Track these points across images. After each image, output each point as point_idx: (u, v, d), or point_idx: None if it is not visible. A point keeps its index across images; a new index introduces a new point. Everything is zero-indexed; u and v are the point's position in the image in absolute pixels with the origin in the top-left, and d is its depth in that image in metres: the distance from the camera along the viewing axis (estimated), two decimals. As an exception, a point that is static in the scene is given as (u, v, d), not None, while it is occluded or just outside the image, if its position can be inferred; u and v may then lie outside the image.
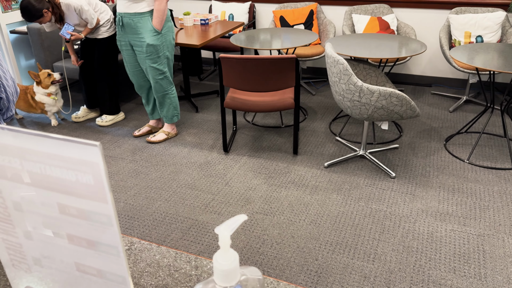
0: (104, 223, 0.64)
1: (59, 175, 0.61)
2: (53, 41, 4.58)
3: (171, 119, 3.85)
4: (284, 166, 3.42)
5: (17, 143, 0.61)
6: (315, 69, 5.44)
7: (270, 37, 4.13)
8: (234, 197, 3.06)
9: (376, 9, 4.76)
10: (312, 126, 4.09)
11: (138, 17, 3.37)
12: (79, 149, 0.57)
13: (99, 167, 0.58)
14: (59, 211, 0.66)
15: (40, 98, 4.12)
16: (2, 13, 4.59)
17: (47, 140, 0.58)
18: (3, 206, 0.71)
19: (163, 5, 3.32)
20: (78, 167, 0.59)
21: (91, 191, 0.61)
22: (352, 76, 2.88)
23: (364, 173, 3.29)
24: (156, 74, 3.56)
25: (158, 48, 3.45)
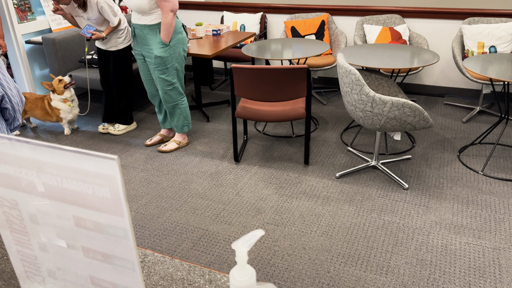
0: (119, 236, 0.64)
1: (75, 188, 0.61)
2: (67, 51, 4.63)
3: (181, 129, 3.86)
4: (295, 176, 3.41)
5: (34, 156, 0.61)
6: (326, 78, 5.43)
7: (281, 47, 4.14)
8: (245, 207, 3.05)
9: (388, 19, 4.75)
10: (323, 136, 4.08)
11: (147, 29, 3.44)
12: (97, 162, 0.57)
13: (116, 181, 0.57)
14: (75, 223, 0.66)
15: (56, 104, 4.18)
16: (18, 24, 4.66)
17: (65, 153, 0.58)
18: (19, 218, 0.71)
19: (169, 18, 3.35)
20: (95, 180, 0.59)
21: (107, 204, 0.60)
22: (364, 86, 2.87)
23: (376, 184, 3.26)
24: (165, 85, 3.59)
25: (166, 59, 3.48)
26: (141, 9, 3.35)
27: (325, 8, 5.05)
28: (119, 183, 0.57)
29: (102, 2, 3.72)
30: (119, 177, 0.57)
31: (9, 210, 0.71)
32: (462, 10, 4.53)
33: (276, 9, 5.28)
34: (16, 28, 4.64)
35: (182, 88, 3.72)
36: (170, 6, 3.32)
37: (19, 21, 4.68)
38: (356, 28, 4.74)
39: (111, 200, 0.60)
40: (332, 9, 5.02)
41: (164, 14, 3.33)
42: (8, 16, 4.58)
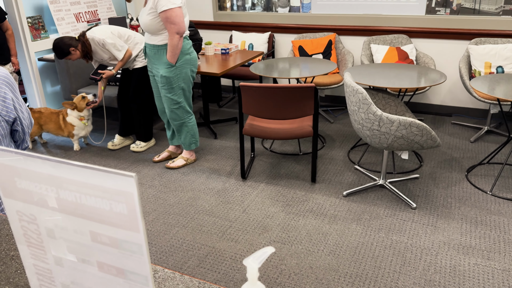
0: (134, 252, 0.66)
1: (93, 204, 0.63)
2: (79, 68, 4.70)
3: (188, 146, 3.89)
4: (302, 194, 3.42)
5: (54, 172, 0.63)
6: (333, 97, 5.47)
7: (288, 66, 4.18)
8: (251, 224, 3.06)
9: (395, 39, 4.79)
10: (330, 154, 4.09)
11: (155, 49, 3.51)
12: (115, 180, 0.59)
13: (133, 197, 0.60)
14: (91, 239, 0.68)
15: (71, 120, 4.23)
16: (32, 41, 4.75)
17: (84, 170, 0.60)
18: (36, 232, 0.73)
19: (175, 40, 3.38)
20: (113, 197, 0.61)
21: (124, 220, 0.62)
22: (371, 105, 2.89)
23: (384, 203, 3.26)
24: (171, 104, 3.64)
25: (172, 80, 3.53)
26: (150, 29, 3.42)
27: (332, 28, 5.10)
28: (136, 199, 0.60)
29: (101, 41, 3.81)
30: (136, 194, 0.59)
31: (28, 224, 0.74)
32: (469, 31, 4.56)
33: (284, 28, 5.34)
34: (29, 45, 4.73)
35: (189, 106, 3.76)
36: (176, 29, 3.35)
37: (33, 39, 4.78)
38: (363, 48, 4.78)
39: (128, 216, 0.62)
40: (339, 29, 5.07)
41: (170, 36, 3.37)
42: (22, 34, 4.67)
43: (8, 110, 1.62)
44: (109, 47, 3.83)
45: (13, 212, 0.76)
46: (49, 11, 4.96)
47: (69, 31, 5.08)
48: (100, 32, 3.83)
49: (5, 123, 1.62)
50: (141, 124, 4.24)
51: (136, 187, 0.59)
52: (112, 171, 0.59)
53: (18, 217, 0.75)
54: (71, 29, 5.09)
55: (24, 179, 0.69)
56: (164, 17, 3.31)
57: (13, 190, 0.72)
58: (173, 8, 3.30)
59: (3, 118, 1.60)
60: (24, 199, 0.72)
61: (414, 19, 4.76)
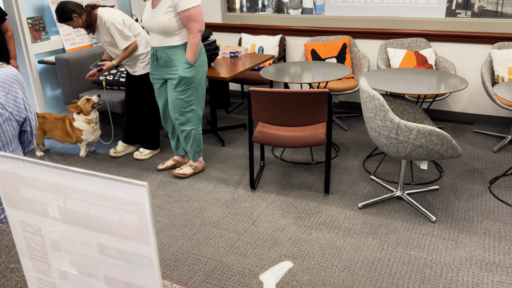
0: (144, 265, 0.65)
1: (102, 215, 0.63)
2: (81, 71, 4.73)
3: (193, 156, 3.90)
4: (314, 206, 3.40)
5: (61, 181, 0.63)
6: (347, 103, 5.46)
7: (300, 71, 4.18)
8: (261, 237, 3.05)
9: (413, 43, 4.79)
10: (344, 163, 4.08)
11: (172, 50, 3.50)
12: (126, 189, 0.59)
13: (144, 208, 0.59)
14: (98, 251, 0.68)
15: (79, 125, 4.24)
16: (32, 43, 4.79)
17: (93, 179, 0.60)
18: (40, 244, 0.74)
19: (197, 38, 3.44)
20: (123, 207, 0.61)
21: (134, 231, 0.62)
22: (388, 112, 2.88)
23: (402, 216, 3.24)
24: (183, 106, 3.64)
25: (190, 80, 3.54)
26: (167, 30, 3.41)
27: (347, 31, 5.11)
28: (147, 210, 0.59)
29: (109, 23, 3.77)
30: (147, 204, 0.59)
31: (31, 235, 0.74)
32: (491, 34, 4.55)
33: (296, 31, 5.36)
34: (29, 47, 4.77)
35: (201, 111, 3.76)
36: (199, 27, 3.40)
37: (33, 40, 4.81)
38: (379, 52, 4.78)
39: (138, 227, 0.61)
40: (354, 32, 5.07)
41: (193, 34, 3.41)
42: (22, 35, 4.71)
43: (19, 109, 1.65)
44: (114, 32, 3.79)
45: (16, 222, 0.76)
46: (50, 11, 5.01)
47: (71, 32, 5.12)
48: (112, 14, 3.78)
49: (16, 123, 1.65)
50: (148, 132, 4.25)
51: (148, 197, 0.58)
52: (123, 179, 0.59)
53: (22, 227, 0.75)
54: (72, 30, 5.14)
55: (29, 188, 0.69)
56: (187, 15, 3.34)
57: (17, 199, 0.72)
58: (196, 6, 3.36)
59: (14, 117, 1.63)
60: (28, 209, 0.72)
61: (433, 22, 4.75)
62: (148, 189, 0.58)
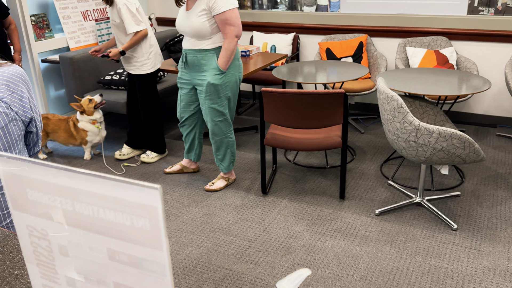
0: (156, 272, 0.65)
1: (112, 219, 0.63)
2: (85, 71, 4.76)
3: (227, 167, 3.80)
4: (329, 212, 3.40)
5: (71, 184, 0.63)
6: (364, 105, 5.44)
7: (315, 70, 4.18)
8: (273, 245, 3.04)
9: (433, 41, 4.76)
10: (361, 167, 4.06)
11: (202, 54, 3.43)
12: (138, 192, 0.59)
13: (157, 212, 0.59)
14: (108, 257, 0.68)
15: (83, 126, 4.26)
16: (35, 41, 4.82)
17: (104, 181, 0.60)
18: (47, 249, 0.74)
19: (233, 44, 3.35)
20: (134, 211, 0.61)
21: (145, 236, 0.62)
22: (407, 114, 2.87)
23: (421, 223, 3.22)
24: (215, 116, 3.56)
25: (220, 88, 3.46)
26: (201, 33, 3.35)
27: (363, 29, 5.10)
28: (160, 214, 0.59)
29: (121, 4, 3.71)
30: (160, 208, 0.59)
31: (38, 240, 0.74)
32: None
33: (310, 29, 5.35)
34: (32, 46, 4.80)
35: (231, 119, 3.69)
36: (236, 31, 3.33)
37: (36, 38, 4.85)
38: (397, 51, 4.76)
39: (150, 232, 0.62)
40: (371, 30, 5.06)
41: (228, 39, 3.33)
42: (25, 33, 4.75)
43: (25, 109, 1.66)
44: (125, 14, 3.72)
45: (22, 226, 0.76)
46: (54, 8, 5.05)
47: (76, 30, 5.16)
48: None
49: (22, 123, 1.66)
50: (153, 135, 4.25)
51: (161, 200, 0.59)
52: (135, 182, 0.59)
53: (28, 232, 0.76)
54: (77, 28, 5.18)
55: (36, 190, 0.70)
56: (223, 18, 3.28)
57: (24, 203, 0.73)
58: (233, 9, 3.29)
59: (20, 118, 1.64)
60: (35, 212, 0.72)
61: (454, 19, 4.73)
62: (161, 192, 0.58)
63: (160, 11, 6.21)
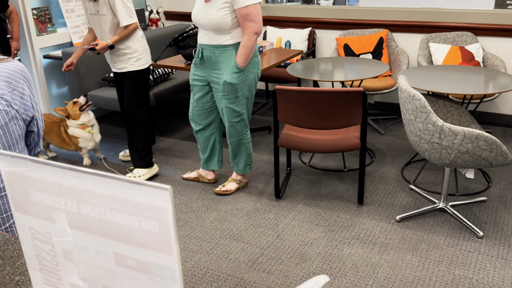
0: (165, 278, 0.66)
1: (120, 221, 0.64)
2: (89, 67, 4.79)
3: (243, 169, 3.79)
4: (347, 218, 3.39)
5: (76, 184, 0.64)
6: (384, 104, 5.42)
7: (332, 67, 4.17)
8: (287, 252, 3.04)
9: (458, 37, 4.74)
10: (380, 171, 4.05)
11: (220, 50, 3.41)
12: (147, 193, 0.59)
13: (167, 214, 0.60)
14: (115, 261, 0.68)
15: (73, 132, 4.10)
16: (37, 36, 4.84)
17: (112, 182, 0.60)
18: (51, 253, 0.74)
19: (252, 41, 3.34)
20: (143, 213, 0.61)
21: (155, 240, 0.63)
22: (430, 114, 2.86)
23: (445, 230, 3.21)
24: (232, 116, 3.55)
25: (237, 87, 3.44)
26: (220, 28, 3.33)
27: (384, 24, 5.08)
28: (170, 216, 0.60)
29: None
30: (170, 210, 0.59)
31: (41, 244, 0.74)
32: (548, 27, 4.48)
33: (327, 24, 5.35)
34: (34, 41, 4.82)
35: (248, 119, 3.68)
36: (256, 28, 3.31)
37: (38, 33, 4.87)
38: (420, 47, 4.74)
39: (160, 235, 0.62)
40: (392, 24, 5.04)
41: (247, 36, 3.32)
42: (26, 27, 4.77)
43: (26, 107, 1.67)
44: (118, 6, 3.60)
45: (25, 229, 0.77)
46: (57, 2, 5.08)
47: (79, 24, 5.19)
48: None
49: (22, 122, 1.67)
50: (138, 145, 3.98)
51: (171, 202, 0.59)
52: (144, 183, 0.59)
53: (31, 235, 0.76)
54: (81, 22, 5.21)
55: (40, 191, 0.70)
56: (244, 13, 3.26)
57: (27, 204, 0.73)
58: (256, 4, 3.28)
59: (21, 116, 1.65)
60: (38, 215, 0.73)
61: (481, 14, 4.70)
62: (172, 193, 0.58)
63: (168, 4, 6.24)
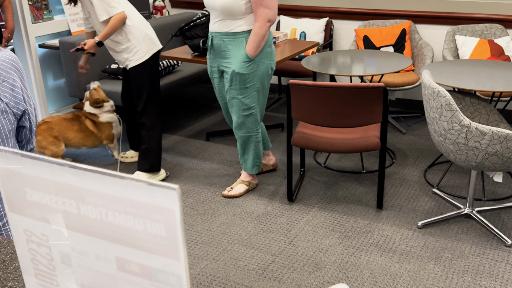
0: (172, 284, 0.65)
1: (123, 223, 0.63)
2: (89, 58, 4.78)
3: (251, 169, 3.80)
4: (365, 224, 3.38)
5: (76, 183, 0.63)
6: (406, 101, 5.40)
7: (350, 61, 4.16)
8: (300, 260, 3.04)
9: (487, 30, 4.71)
10: (402, 173, 4.03)
11: (230, 38, 3.42)
12: (153, 193, 0.58)
13: (174, 216, 0.59)
14: (117, 267, 0.68)
15: (107, 118, 4.21)
16: (32, 24, 4.83)
17: (114, 180, 0.60)
18: (48, 257, 0.74)
19: (265, 29, 3.33)
20: (148, 214, 0.60)
21: (160, 244, 0.62)
22: (456, 112, 2.84)
23: (470, 238, 3.19)
24: (241, 109, 3.55)
25: (247, 78, 3.45)
26: (231, 12, 3.32)
27: (406, 15, 5.06)
28: (178, 218, 0.59)
29: None
30: (178, 211, 0.58)
31: (37, 247, 0.74)
32: None
33: (345, 14, 5.33)
34: (29, 29, 4.79)
35: (261, 116, 3.67)
36: (270, 15, 3.31)
37: (33, 20, 4.84)
38: (445, 40, 4.72)
39: (166, 239, 0.61)
40: (416, 15, 5.02)
41: (260, 23, 3.32)
42: (20, 14, 4.73)
43: (17, 100, 1.66)
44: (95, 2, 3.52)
45: (19, 231, 0.76)
46: (54, -14, 5.07)
47: (78, 11, 5.17)
48: None
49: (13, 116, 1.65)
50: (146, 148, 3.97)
51: (179, 202, 0.58)
52: (149, 181, 0.58)
53: (26, 237, 0.76)
54: (80, 10, 5.20)
55: (36, 190, 0.70)
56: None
57: (22, 204, 0.73)
58: None
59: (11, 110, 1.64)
60: (34, 215, 0.72)
61: (511, 5, 4.67)
62: (180, 194, 0.57)
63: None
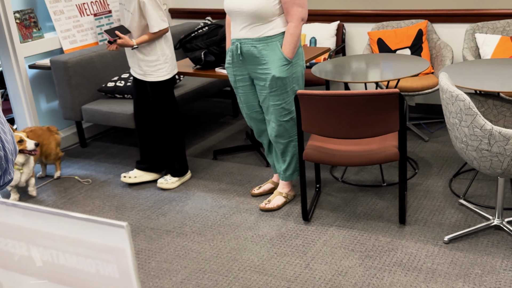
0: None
1: (75, 265, 0.63)
2: (84, 77, 4.82)
3: (291, 175, 3.85)
4: (387, 241, 3.36)
5: (26, 223, 0.63)
6: (427, 106, 5.38)
7: (365, 66, 4.15)
8: (318, 285, 3.02)
9: (509, 26, 4.69)
10: (425, 184, 4.01)
11: (263, 43, 3.46)
12: (101, 231, 0.58)
13: (125, 255, 0.58)
14: (75, 311, 0.67)
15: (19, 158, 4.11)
16: (21, 43, 4.83)
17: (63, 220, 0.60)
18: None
19: (299, 29, 3.42)
20: (99, 255, 0.60)
21: (115, 286, 0.62)
22: (477, 116, 2.83)
23: (501, 251, 3.16)
24: (282, 115, 3.61)
25: (287, 81, 3.51)
26: (262, 15, 3.36)
27: (422, 14, 5.06)
28: (130, 258, 0.58)
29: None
30: (129, 251, 0.58)
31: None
32: None
33: (357, 16, 5.34)
34: (17, 49, 4.79)
35: None
36: (304, 13, 3.40)
37: (22, 39, 4.85)
38: (465, 39, 4.70)
39: (120, 280, 0.61)
40: (432, 14, 5.02)
41: (295, 22, 3.40)
42: (7, 33, 4.72)
43: None
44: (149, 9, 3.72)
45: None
46: (43, 2, 5.03)
47: (70, 27, 5.15)
48: None
49: None
50: (174, 154, 4.24)
51: (129, 240, 0.58)
52: (97, 219, 0.58)
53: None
54: (72, 25, 5.16)
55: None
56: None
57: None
58: None
59: None
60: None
61: (536, -5, 4.64)
62: (129, 231, 0.57)
63: (174, 0, 6.29)
